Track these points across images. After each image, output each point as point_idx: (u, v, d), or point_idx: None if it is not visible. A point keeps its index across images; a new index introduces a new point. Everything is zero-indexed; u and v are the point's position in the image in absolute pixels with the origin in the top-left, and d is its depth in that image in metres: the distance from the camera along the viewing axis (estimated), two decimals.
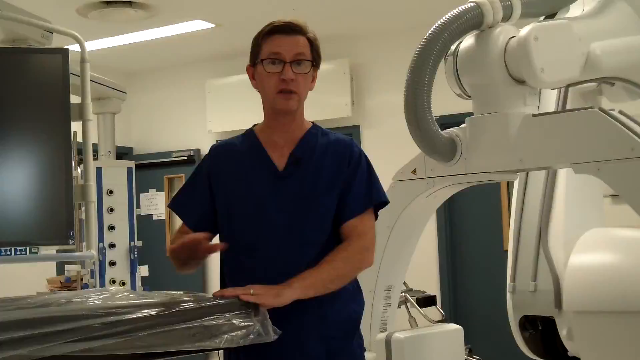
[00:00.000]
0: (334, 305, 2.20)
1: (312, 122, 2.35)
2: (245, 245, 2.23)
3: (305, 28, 2.25)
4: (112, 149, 4.85)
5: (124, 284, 4.51)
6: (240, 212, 2.25)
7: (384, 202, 2.30)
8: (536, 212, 3.42)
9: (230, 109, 6.81)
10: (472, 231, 6.29)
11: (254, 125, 2.37)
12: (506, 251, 3.59)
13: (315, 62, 2.26)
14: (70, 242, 3.05)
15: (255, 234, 2.22)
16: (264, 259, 2.20)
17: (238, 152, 2.32)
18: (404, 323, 3.83)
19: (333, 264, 2.16)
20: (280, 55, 2.20)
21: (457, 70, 2.83)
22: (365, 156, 2.32)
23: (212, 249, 2.16)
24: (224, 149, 2.36)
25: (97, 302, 1.91)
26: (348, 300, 2.24)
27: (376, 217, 2.30)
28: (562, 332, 3.28)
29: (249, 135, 2.35)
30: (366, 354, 2.35)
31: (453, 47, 2.83)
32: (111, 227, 4.55)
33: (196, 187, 2.34)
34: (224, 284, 2.27)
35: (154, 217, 7.41)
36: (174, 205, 2.38)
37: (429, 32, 2.68)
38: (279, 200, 2.22)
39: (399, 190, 3.07)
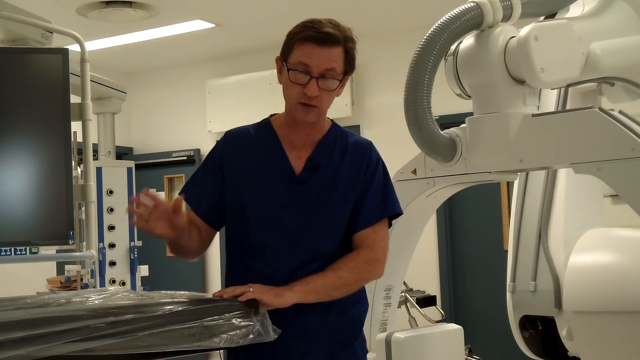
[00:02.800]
0: (338, 308, 2.17)
1: (332, 121, 2.27)
2: (253, 247, 2.18)
3: (343, 36, 2.13)
4: (112, 149, 4.85)
5: (124, 284, 4.51)
6: (251, 211, 2.18)
7: (398, 214, 2.26)
8: (536, 212, 3.42)
9: (230, 109, 6.80)
10: (472, 231, 6.29)
11: (271, 115, 2.29)
12: (506, 251, 3.59)
13: (347, 72, 2.16)
14: (70, 242, 3.05)
15: (265, 237, 2.17)
16: (271, 262, 2.15)
17: (254, 144, 2.23)
18: (404, 323, 3.83)
19: (339, 272, 2.12)
20: (308, 68, 2.09)
21: (457, 70, 2.83)
22: (383, 163, 2.25)
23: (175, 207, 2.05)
24: (238, 139, 2.25)
25: (96, 302, 1.91)
26: (352, 303, 2.21)
27: (390, 225, 2.26)
28: (562, 332, 3.28)
29: (266, 127, 2.25)
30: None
31: (453, 47, 2.82)
32: (111, 227, 4.55)
33: (207, 177, 2.26)
34: (227, 284, 2.22)
35: None
36: (185, 194, 2.22)
37: (429, 32, 2.68)
38: (293, 205, 2.16)
39: (399, 190, 3.04)
